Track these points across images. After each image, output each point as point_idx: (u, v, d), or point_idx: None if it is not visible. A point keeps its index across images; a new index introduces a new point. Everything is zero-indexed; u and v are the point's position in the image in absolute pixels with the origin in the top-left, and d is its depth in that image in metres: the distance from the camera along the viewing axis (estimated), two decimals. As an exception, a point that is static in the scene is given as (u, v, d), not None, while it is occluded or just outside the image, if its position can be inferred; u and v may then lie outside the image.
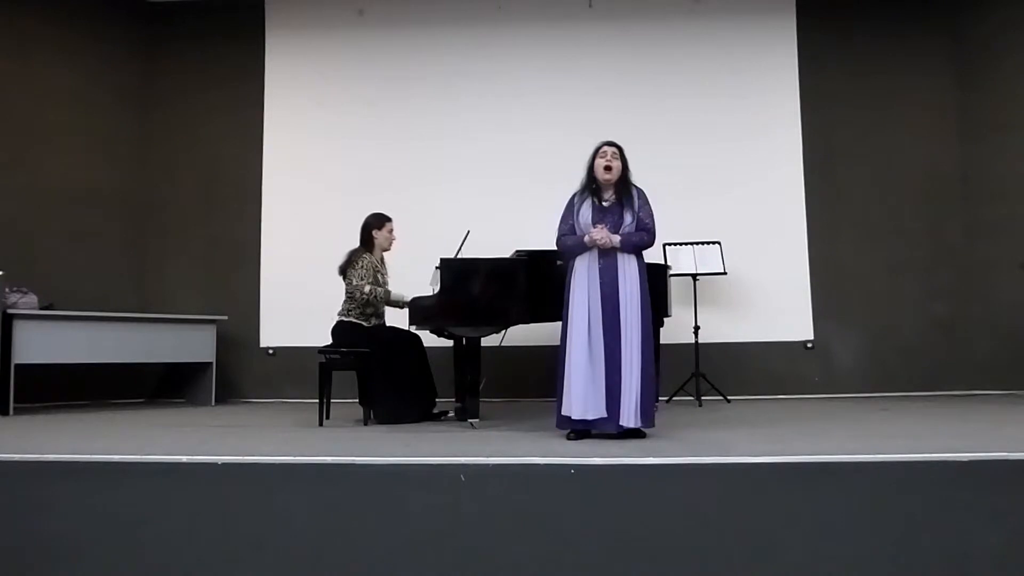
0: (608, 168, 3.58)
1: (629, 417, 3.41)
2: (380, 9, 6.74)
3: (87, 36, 6.60)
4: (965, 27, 6.42)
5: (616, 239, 3.51)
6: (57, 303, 5.68)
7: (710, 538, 2.56)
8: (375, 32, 6.72)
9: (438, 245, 4.61)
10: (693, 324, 5.68)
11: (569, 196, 3.71)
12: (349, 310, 4.63)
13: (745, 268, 6.13)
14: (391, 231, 4.80)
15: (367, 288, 4.57)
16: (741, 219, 6.23)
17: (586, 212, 3.59)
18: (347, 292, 4.65)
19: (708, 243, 5.76)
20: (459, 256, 4.47)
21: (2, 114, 6.21)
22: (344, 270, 4.66)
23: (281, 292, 6.51)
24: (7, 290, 5.40)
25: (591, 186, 3.65)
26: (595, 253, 3.55)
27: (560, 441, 3.42)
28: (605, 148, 3.63)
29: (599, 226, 3.52)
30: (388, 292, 4.71)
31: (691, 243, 5.76)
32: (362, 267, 4.60)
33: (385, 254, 4.84)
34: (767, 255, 6.26)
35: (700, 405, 5.41)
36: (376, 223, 4.77)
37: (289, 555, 2.65)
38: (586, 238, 3.53)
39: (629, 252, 3.56)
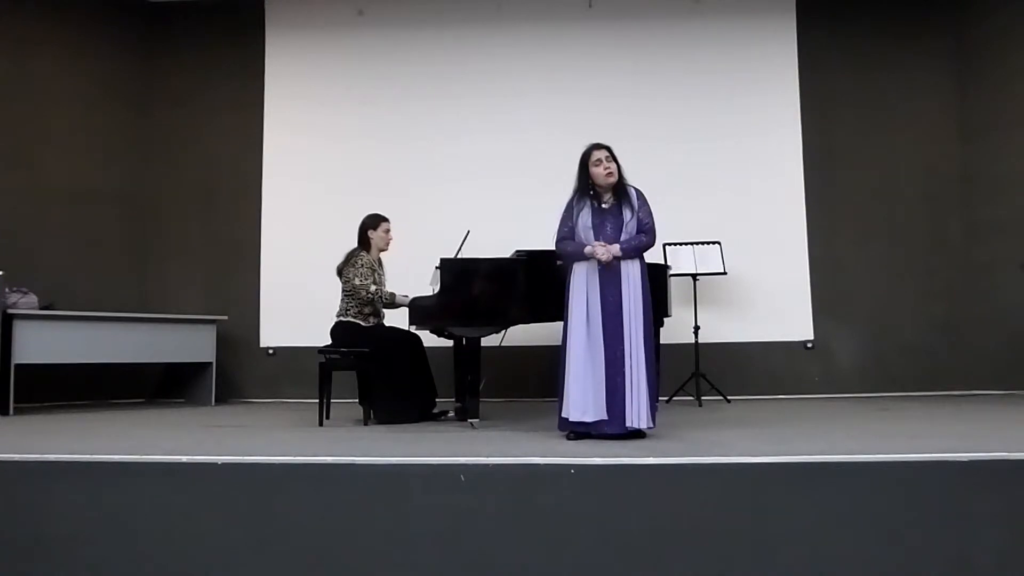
0: (610, 174, 3.57)
1: (637, 418, 3.41)
2: (380, 9, 6.74)
3: (87, 36, 6.60)
4: (965, 27, 6.41)
5: (616, 249, 3.50)
6: (57, 303, 5.69)
7: (710, 538, 2.56)
8: (375, 32, 6.72)
9: (438, 245, 4.60)
10: (693, 324, 5.68)
11: (567, 198, 3.69)
12: (347, 309, 4.63)
13: (745, 268, 6.13)
14: (387, 231, 4.79)
15: (372, 288, 4.57)
16: (741, 219, 6.24)
17: (586, 216, 3.58)
18: (345, 291, 4.65)
19: (708, 243, 5.76)
20: (459, 256, 4.47)
21: (2, 114, 6.21)
22: (341, 270, 4.67)
23: (281, 292, 6.51)
24: (7, 290, 5.39)
25: (588, 192, 3.63)
26: (597, 254, 3.56)
27: (560, 441, 3.42)
28: (599, 153, 3.59)
29: (599, 243, 3.52)
30: (392, 295, 4.71)
31: (691, 243, 5.76)
32: (361, 266, 4.61)
33: (383, 254, 4.85)
34: (767, 255, 6.25)
35: (700, 405, 5.41)
36: (371, 223, 4.77)
37: (289, 555, 2.65)
38: (586, 249, 3.52)
39: (632, 258, 3.56)
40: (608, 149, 3.62)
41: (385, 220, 4.80)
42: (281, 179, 6.68)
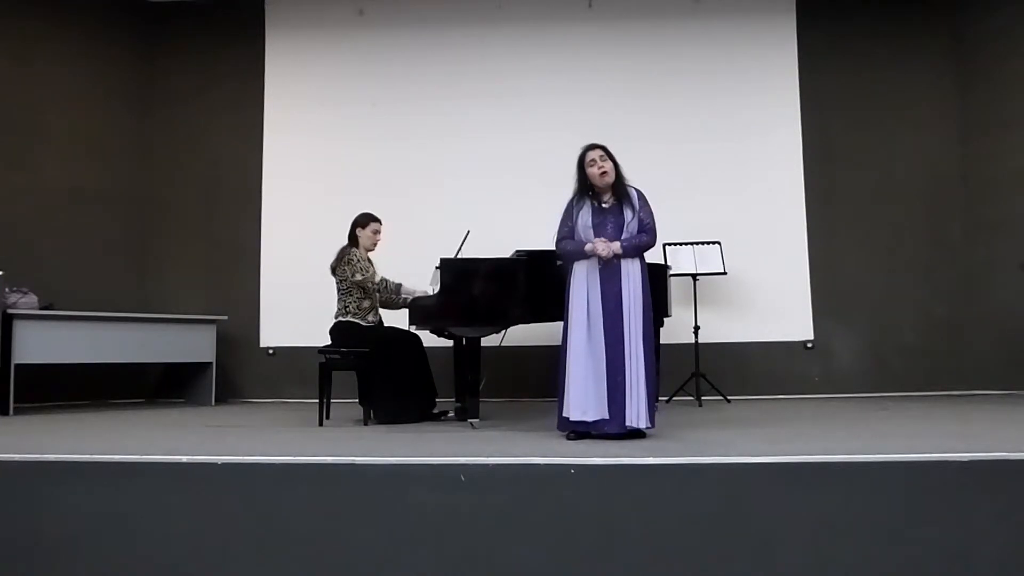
0: (604, 173, 3.57)
1: (636, 417, 3.41)
2: (380, 9, 6.74)
3: (87, 36, 6.60)
4: (965, 27, 6.41)
5: (617, 247, 3.50)
6: (57, 303, 5.68)
7: (710, 538, 2.56)
8: (375, 32, 6.72)
9: (438, 245, 4.60)
10: (693, 324, 5.68)
11: (568, 199, 3.69)
12: (346, 308, 4.63)
13: (745, 268, 6.13)
14: (376, 232, 4.79)
15: (378, 278, 4.58)
16: (741, 219, 6.23)
17: (586, 215, 3.58)
18: (341, 290, 4.65)
19: (708, 243, 5.76)
20: (459, 256, 4.47)
21: (3, 114, 6.21)
22: (335, 268, 4.66)
23: (281, 292, 6.51)
24: (7, 290, 5.40)
25: (587, 192, 3.64)
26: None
27: (560, 441, 3.42)
28: (592, 154, 3.59)
29: (599, 239, 3.52)
30: (399, 285, 4.71)
31: (691, 243, 5.76)
32: (357, 261, 4.61)
33: (372, 255, 4.84)
34: (767, 255, 6.25)
35: (700, 405, 5.41)
36: (362, 221, 4.78)
37: (289, 555, 2.65)
38: (587, 247, 3.52)
39: (632, 257, 3.56)
40: (603, 149, 3.62)
41: (376, 220, 4.80)
42: (281, 179, 6.68)
